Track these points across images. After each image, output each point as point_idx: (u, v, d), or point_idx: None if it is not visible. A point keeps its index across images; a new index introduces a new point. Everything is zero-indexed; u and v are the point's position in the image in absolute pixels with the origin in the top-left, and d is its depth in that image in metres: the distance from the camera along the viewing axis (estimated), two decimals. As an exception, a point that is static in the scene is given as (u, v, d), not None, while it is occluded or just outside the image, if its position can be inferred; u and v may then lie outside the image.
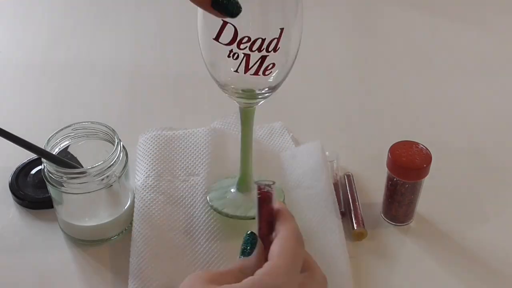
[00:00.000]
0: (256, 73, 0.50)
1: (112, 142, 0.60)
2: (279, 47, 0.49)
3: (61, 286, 0.59)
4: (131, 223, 0.63)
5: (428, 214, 0.65)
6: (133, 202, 0.63)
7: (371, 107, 0.81)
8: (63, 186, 0.58)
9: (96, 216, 0.61)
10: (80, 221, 0.61)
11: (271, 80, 0.53)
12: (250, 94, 0.54)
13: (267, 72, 0.51)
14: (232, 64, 0.50)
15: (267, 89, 0.54)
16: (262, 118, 0.76)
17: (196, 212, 0.63)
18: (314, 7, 1.00)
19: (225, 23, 0.48)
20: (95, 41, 0.93)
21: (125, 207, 0.62)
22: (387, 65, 0.88)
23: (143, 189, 0.64)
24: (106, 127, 0.60)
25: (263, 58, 0.50)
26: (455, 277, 0.60)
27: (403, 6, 1.00)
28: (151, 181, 0.64)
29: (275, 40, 0.49)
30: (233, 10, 0.46)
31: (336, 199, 0.63)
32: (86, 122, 0.61)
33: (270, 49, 0.49)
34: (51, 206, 0.63)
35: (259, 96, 0.55)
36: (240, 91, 0.54)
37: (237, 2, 0.46)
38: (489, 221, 0.65)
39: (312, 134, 0.76)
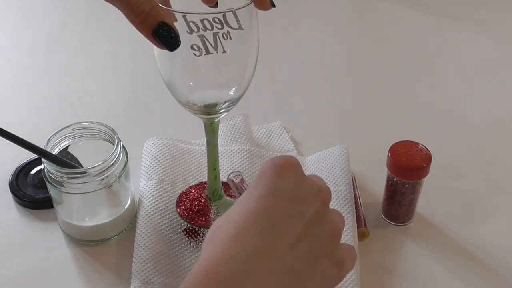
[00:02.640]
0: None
1: (112, 142, 0.60)
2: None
3: (61, 286, 0.59)
4: (131, 223, 0.63)
5: (428, 214, 0.65)
6: (133, 202, 0.63)
7: (371, 107, 0.81)
8: (63, 186, 0.58)
9: (96, 216, 0.61)
10: (80, 221, 0.61)
11: (232, 93, 0.53)
12: (212, 110, 0.55)
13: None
14: (194, 52, 0.50)
15: (228, 102, 0.54)
16: (261, 118, 0.77)
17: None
18: (314, 7, 1.00)
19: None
20: (95, 41, 0.93)
21: (125, 207, 0.62)
22: (387, 65, 0.88)
23: (150, 192, 0.64)
24: (106, 127, 0.61)
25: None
26: (455, 277, 0.60)
27: (403, 6, 1.00)
28: (157, 185, 0.65)
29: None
30: (172, 43, 0.46)
31: (354, 203, 0.64)
32: (86, 122, 0.61)
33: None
34: (51, 206, 0.63)
35: (221, 109, 0.55)
36: (203, 107, 0.54)
37: (177, 37, 0.46)
38: (489, 221, 0.65)
39: (311, 134, 0.76)
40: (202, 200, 0.63)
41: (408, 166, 0.59)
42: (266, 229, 0.41)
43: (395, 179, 0.61)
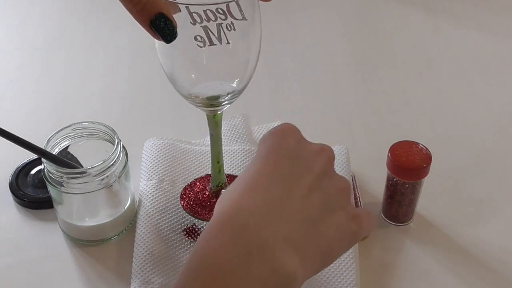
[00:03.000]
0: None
1: (112, 142, 0.60)
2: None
3: (61, 286, 0.59)
4: (131, 223, 0.63)
5: (428, 214, 0.65)
6: (133, 202, 0.63)
7: (371, 107, 0.81)
8: (63, 186, 0.58)
9: (96, 216, 0.61)
10: (80, 221, 0.61)
11: (234, 84, 0.53)
12: (215, 102, 0.55)
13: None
14: (197, 44, 0.49)
15: (231, 94, 0.54)
16: (261, 118, 0.77)
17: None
18: (315, 6, 1.00)
19: None
20: (95, 41, 0.93)
21: (125, 207, 0.62)
22: (387, 65, 0.88)
23: (150, 192, 0.64)
24: (106, 127, 0.61)
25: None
26: (455, 277, 0.60)
27: (404, 6, 1.00)
28: (157, 185, 0.65)
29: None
30: (168, 35, 0.46)
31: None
32: (86, 122, 0.61)
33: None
34: (51, 206, 0.63)
35: (224, 101, 0.55)
36: (205, 99, 0.54)
37: (174, 29, 0.46)
38: (489, 221, 0.65)
39: (311, 134, 0.75)
40: (206, 193, 0.64)
41: (408, 166, 0.59)
42: (275, 182, 0.42)
43: (395, 179, 0.61)
